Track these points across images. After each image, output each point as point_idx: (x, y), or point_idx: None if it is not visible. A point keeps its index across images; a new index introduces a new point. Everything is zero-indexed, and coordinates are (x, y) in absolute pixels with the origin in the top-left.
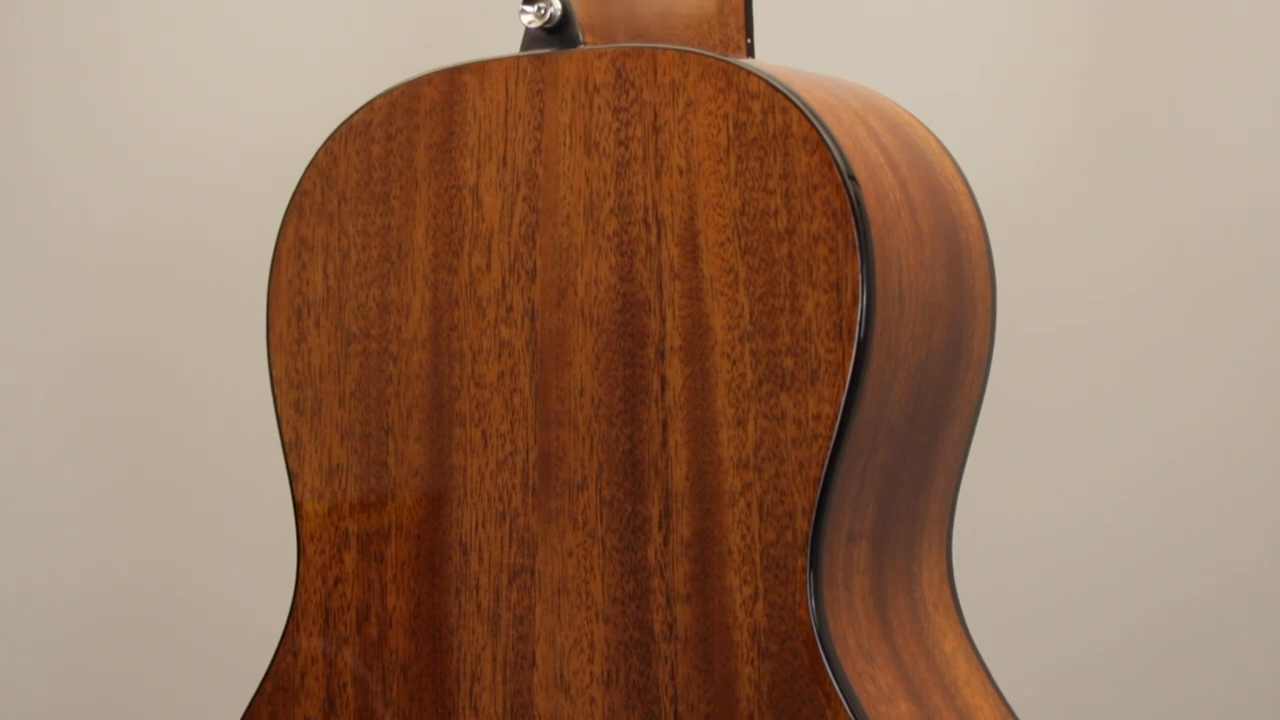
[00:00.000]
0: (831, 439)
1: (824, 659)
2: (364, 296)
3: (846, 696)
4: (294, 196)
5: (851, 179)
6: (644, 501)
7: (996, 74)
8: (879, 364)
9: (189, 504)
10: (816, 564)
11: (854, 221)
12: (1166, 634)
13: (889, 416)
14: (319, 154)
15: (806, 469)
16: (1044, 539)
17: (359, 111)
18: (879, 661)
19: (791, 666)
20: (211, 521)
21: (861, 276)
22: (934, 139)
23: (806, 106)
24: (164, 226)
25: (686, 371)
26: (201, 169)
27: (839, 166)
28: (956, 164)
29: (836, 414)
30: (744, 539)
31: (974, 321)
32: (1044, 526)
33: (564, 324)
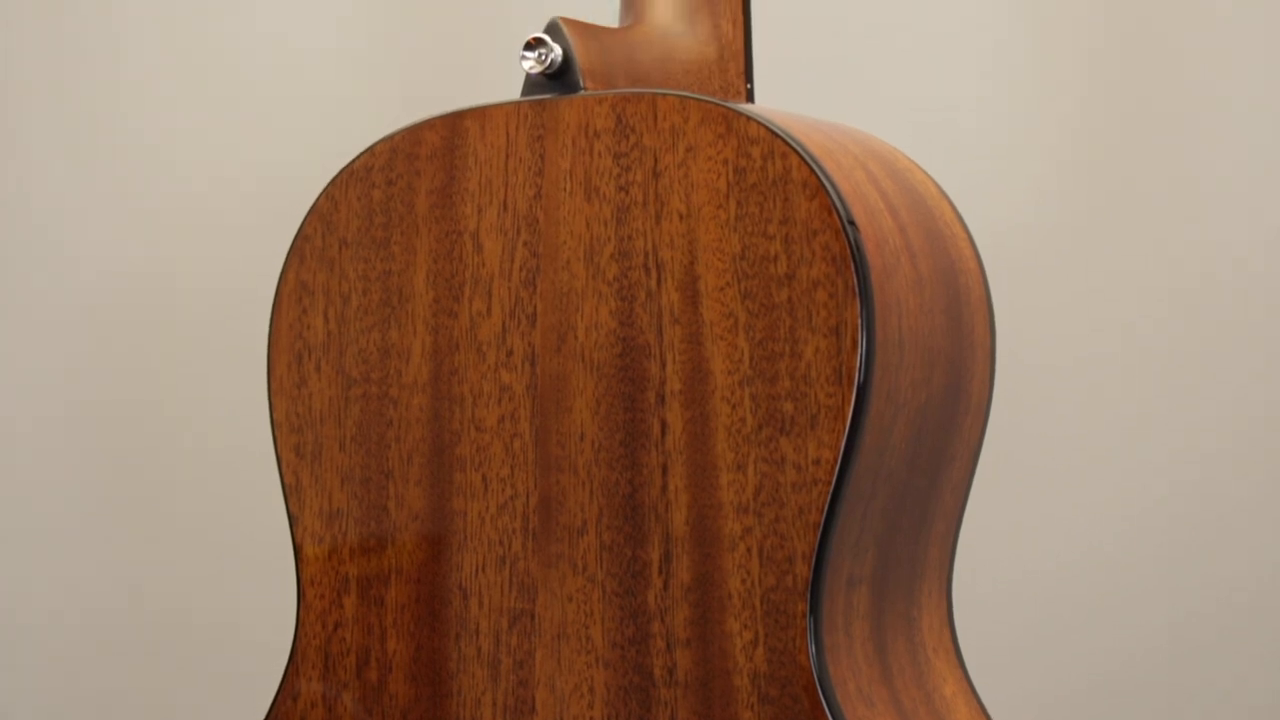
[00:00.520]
0: (831, 484)
1: (824, 704)
2: (365, 341)
3: None
4: (295, 241)
5: (851, 224)
6: (644, 546)
7: (995, 116)
8: (879, 409)
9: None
10: (816, 609)
11: (854, 267)
12: (1165, 670)
13: (889, 461)
14: (320, 199)
15: (806, 514)
16: (1043, 574)
17: (360, 156)
18: (879, 706)
19: (792, 712)
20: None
21: (861, 321)
22: (933, 183)
23: (806, 152)
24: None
25: (686, 416)
26: (204, 211)
27: (838, 212)
28: (955, 208)
29: (836, 459)
30: (744, 584)
31: (973, 366)
32: (1043, 562)
33: (564, 369)
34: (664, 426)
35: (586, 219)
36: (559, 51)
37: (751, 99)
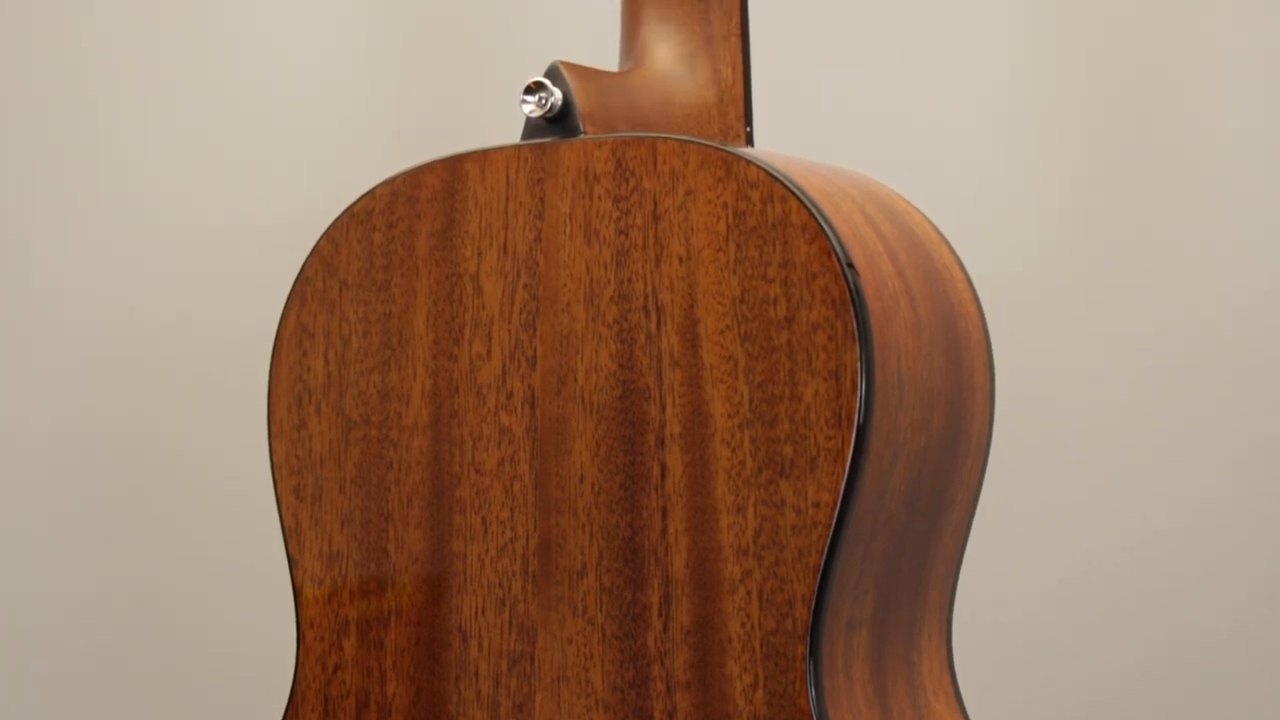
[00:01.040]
0: (831, 526)
1: None
2: (365, 383)
3: None
4: (296, 284)
5: (850, 267)
6: (644, 589)
7: (993, 159)
8: (878, 451)
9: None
10: (816, 652)
11: (853, 310)
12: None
13: (888, 504)
14: (321, 241)
15: (806, 557)
16: (1042, 615)
17: (361, 199)
18: None
19: None
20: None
21: (860, 364)
22: (931, 226)
23: (805, 195)
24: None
25: (686, 459)
26: (205, 254)
27: (838, 255)
28: (954, 251)
29: (836, 501)
30: (744, 627)
31: (972, 408)
32: (1042, 602)
33: (564, 411)
34: (664, 469)
35: (586, 262)
36: (559, 95)
37: (751, 142)
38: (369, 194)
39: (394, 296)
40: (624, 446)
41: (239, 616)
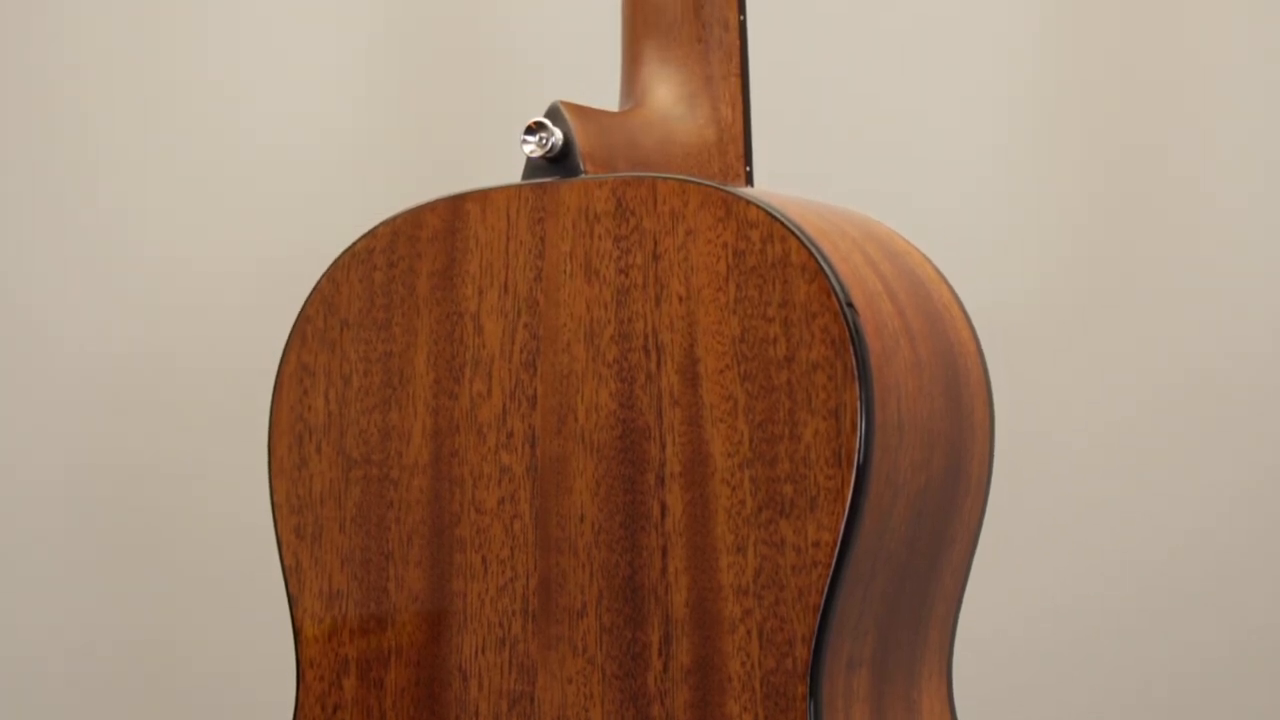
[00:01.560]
0: (831, 566)
1: None
2: (365, 422)
3: None
4: (297, 323)
5: (850, 307)
6: (644, 628)
7: (993, 199)
8: (878, 491)
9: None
10: (816, 692)
11: (853, 349)
12: None
13: (888, 544)
14: (322, 280)
15: (806, 596)
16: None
17: (362, 238)
18: None
19: None
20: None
21: (860, 404)
22: (930, 265)
23: (805, 235)
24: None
25: (686, 498)
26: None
27: (837, 294)
28: (953, 290)
29: (836, 541)
30: (744, 666)
31: (972, 447)
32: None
33: (564, 450)
34: (664, 508)
35: (587, 301)
36: (560, 135)
37: (751, 182)
38: (370, 233)
39: (395, 335)
40: (624, 485)
41: (239, 650)
